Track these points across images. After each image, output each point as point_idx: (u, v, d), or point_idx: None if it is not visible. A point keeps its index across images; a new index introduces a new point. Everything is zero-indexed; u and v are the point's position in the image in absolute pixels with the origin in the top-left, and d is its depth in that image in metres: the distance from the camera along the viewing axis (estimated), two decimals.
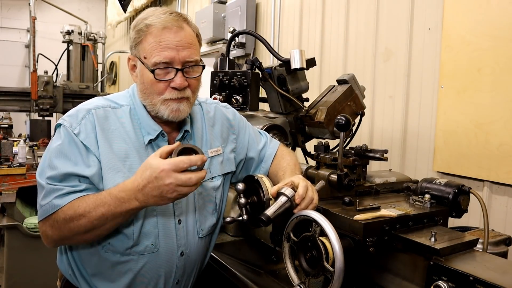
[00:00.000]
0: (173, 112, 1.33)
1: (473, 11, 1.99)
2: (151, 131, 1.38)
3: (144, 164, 1.18)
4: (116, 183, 1.26)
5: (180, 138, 1.43)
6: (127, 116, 1.39)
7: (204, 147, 1.50)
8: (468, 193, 1.43)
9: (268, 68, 1.92)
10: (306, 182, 1.31)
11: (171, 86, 1.31)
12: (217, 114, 1.58)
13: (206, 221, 1.49)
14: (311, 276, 1.17)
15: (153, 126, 1.38)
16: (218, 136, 1.55)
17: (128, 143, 1.35)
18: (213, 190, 1.50)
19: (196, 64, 1.34)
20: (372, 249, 1.18)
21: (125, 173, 1.31)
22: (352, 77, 1.88)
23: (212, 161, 1.51)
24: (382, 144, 2.52)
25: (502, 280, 0.99)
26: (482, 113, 1.95)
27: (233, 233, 1.93)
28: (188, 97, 1.35)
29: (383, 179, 1.65)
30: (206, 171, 1.19)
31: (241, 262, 1.70)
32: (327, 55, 3.03)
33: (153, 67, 1.29)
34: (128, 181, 1.20)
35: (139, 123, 1.39)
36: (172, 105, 1.33)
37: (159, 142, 1.39)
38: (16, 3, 9.83)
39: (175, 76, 1.30)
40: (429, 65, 2.26)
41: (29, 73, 8.23)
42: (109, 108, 1.38)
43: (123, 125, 1.37)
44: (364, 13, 2.71)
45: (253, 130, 1.68)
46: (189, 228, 1.44)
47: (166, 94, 1.31)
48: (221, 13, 4.31)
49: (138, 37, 1.31)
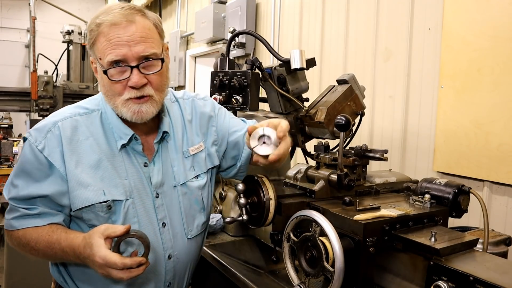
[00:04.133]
0: (135, 113, 1.26)
1: (473, 11, 1.99)
2: (123, 136, 1.32)
3: (90, 236, 1.16)
4: (85, 199, 1.25)
5: (158, 141, 1.39)
6: (98, 122, 1.33)
7: (185, 146, 1.45)
8: (468, 193, 1.43)
9: (268, 68, 1.92)
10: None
11: (128, 85, 1.23)
12: (194, 109, 1.52)
13: (195, 221, 1.46)
14: (311, 276, 1.17)
15: (124, 130, 1.32)
16: (197, 131, 1.50)
17: (99, 152, 1.30)
18: (198, 189, 1.46)
19: (154, 58, 1.25)
20: (372, 249, 1.18)
21: (95, 185, 1.27)
22: (352, 77, 1.88)
23: (195, 159, 1.47)
24: (382, 144, 2.52)
25: (502, 280, 0.99)
26: (482, 113, 1.95)
27: (233, 233, 1.93)
28: (151, 95, 1.27)
29: (383, 179, 1.65)
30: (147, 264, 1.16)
31: (241, 262, 1.70)
32: (327, 55, 3.03)
33: (107, 67, 1.22)
34: (75, 240, 1.20)
35: (111, 127, 1.33)
36: (133, 107, 1.26)
37: (134, 146, 1.34)
38: (16, 3, 9.83)
39: (131, 74, 1.22)
40: (429, 65, 2.26)
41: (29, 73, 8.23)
42: (78, 117, 1.32)
43: (93, 133, 1.31)
44: (364, 13, 2.70)
45: (234, 118, 1.61)
46: (175, 231, 1.41)
47: (125, 94, 1.24)
48: (221, 13, 4.31)
49: (91, 38, 1.25)
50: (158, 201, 1.37)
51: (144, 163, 1.36)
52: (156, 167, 1.38)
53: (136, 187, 1.33)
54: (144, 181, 1.35)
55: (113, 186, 1.29)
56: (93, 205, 1.27)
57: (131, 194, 1.32)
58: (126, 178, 1.32)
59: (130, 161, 1.34)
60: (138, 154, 1.35)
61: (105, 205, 1.28)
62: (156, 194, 1.37)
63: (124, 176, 1.32)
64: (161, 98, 1.31)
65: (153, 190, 1.36)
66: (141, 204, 1.34)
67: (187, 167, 1.44)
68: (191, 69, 5.62)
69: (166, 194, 1.39)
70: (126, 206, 1.30)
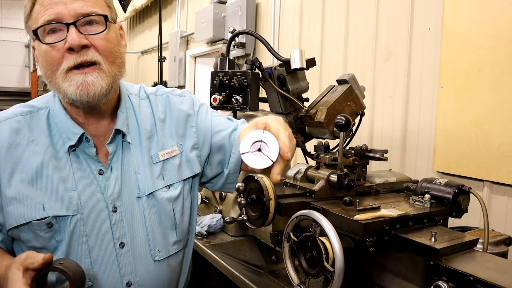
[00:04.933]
0: (79, 87, 1.04)
1: (473, 11, 1.99)
2: (71, 135, 1.12)
3: (9, 266, 0.95)
4: (19, 215, 1.06)
5: (111, 142, 1.17)
6: (44, 122, 1.14)
7: (154, 149, 1.24)
8: (468, 193, 1.43)
9: (268, 68, 1.92)
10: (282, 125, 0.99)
11: (66, 47, 1.03)
12: (169, 106, 1.31)
13: (164, 239, 1.23)
14: (311, 276, 1.17)
15: (72, 129, 1.12)
16: (172, 133, 1.27)
17: (43, 157, 1.10)
18: (169, 202, 1.23)
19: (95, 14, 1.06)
20: (372, 249, 1.18)
21: (34, 198, 1.07)
22: (352, 77, 1.88)
23: (166, 166, 1.24)
24: (382, 144, 2.52)
25: (502, 280, 0.99)
26: (482, 113, 1.95)
27: (233, 233, 1.93)
28: (97, 62, 1.06)
29: (383, 179, 1.65)
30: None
31: (241, 262, 1.70)
32: (327, 55, 3.03)
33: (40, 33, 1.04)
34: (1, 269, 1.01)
35: (59, 127, 1.13)
36: (76, 78, 1.04)
37: (85, 149, 1.14)
38: (16, 3, 9.83)
39: (67, 34, 1.02)
40: (429, 65, 2.26)
41: (29, 73, 8.25)
42: (20, 117, 1.13)
43: (37, 136, 1.12)
44: (364, 13, 2.70)
45: (218, 116, 1.38)
46: (137, 251, 1.18)
47: (64, 63, 1.04)
48: (221, 13, 4.31)
49: (26, 11, 1.08)
50: (115, 216, 1.15)
51: (99, 170, 1.15)
52: (114, 174, 1.16)
53: (87, 200, 1.12)
54: (98, 192, 1.14)
55: (56, 199, 1.09)
56: (29, 223, 1.07)
57: (80, 209, 1.11)
58: (74, 188, 1.11)
59: (80, 168, 1.13)
60: (91, 159, 1.14)
61: (43, 222, 1.07)
62: (113, 208, 1.15)
63: (72, 187, 1.11)
64: (111, 70, 1.09)
65: (109, 203, 1.15)
66: (93, 221, 1.12)
67: (155, 174, 1.22)
68: (191, 69, 5.62)
69: (127, 207, 1.17)
70: (72, 223, 1.10)
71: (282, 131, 0.96)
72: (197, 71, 5.64)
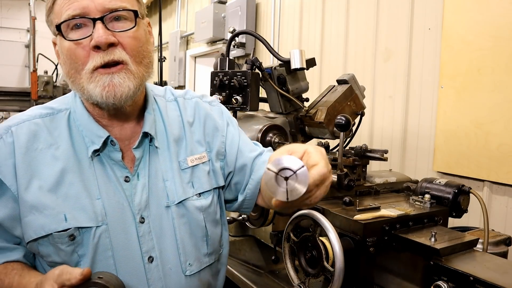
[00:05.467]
0: (105, 88, 0.96)
1: (473, 11, 1.99)
2: (95, 139, 1.03)
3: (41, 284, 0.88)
4: (39, 226, 0.97)
5: (138, 146, 1.07)
6: (64, 125, 1.05)
7: (182, 154, 1.15)
8: (468, 193, 1.43)
9: (268, 68, 1.92)
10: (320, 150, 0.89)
11: (92, 45, 0.95)
12: (198, 111, 1.22)
13: (195, 252, 1.12)
14: (311, 276, 1.17)
15: (96, 131, 1.04)
16: (200, 138, 1.19)
17: (63, 163, 1.01)
18: (200, 212, 1.13)
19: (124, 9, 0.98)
20: (372, 249, 1.18)
21: (55, 208, 0.98)
22: (352, 77, 1.88)
23: (195, 172, 1.15)
24: (382, 144, 2.52)
25: (502, 280, 0.99)
26: (482, 113, 1.95)
27: (233, 233, 1.92)
28: (124, 62, 0.98)
29: (383, 179, 1.65)
30: None
31: (241, 262, 1.70)
32: (327, 55, 3.03)
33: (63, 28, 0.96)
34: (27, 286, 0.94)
35: (81, 130, 1.05)
36: (102, 78, 0.96)
37: (110, 154, 1.04)
38: (16, 3, 9.82)
39: (94, 30, 0.95)
40: (429, 65, 2.26)
41: (29, 73, 8.24)
42: (39, 120, 1.04)
43: (57, 139, 1.03)
44: (364, 13, 2.70)
45: (245, 136, 1.31)
46: (168, 266, 1.08)
47: (90, 62, 0.96)
48: (221, 13, 4.31)
49: (48, 4, 1.00)
50: (143, 228, 1.05)
51: (125, 177, 1.05)
52: (141, 181, 1.07)
53: (112, 210, 1.02)
54: (124, 201, 1.04)
55: (79, 208, 0.99)
56: (50, 235, 0.97)
57: (105, 219, 1.01)
58: (98, 197, 1.01)
59: (105, 174, 1.04)
60: (117, 165, 1.05)
61: (65, 234, 0.97)
62: (141, 219, 1.05)
63: (96, 195, 1.01)
64: (139, 71, 1.01)
65: (136, 213, 1.05)
66: (119, 233, 1.03)
67: (184, 181, 1.13)
68: (191, 69, 5.62)
69: (155, 218, 1.07)
70: (96, 235, 1.00)
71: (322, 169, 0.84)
72: (197, 71, 5.64)
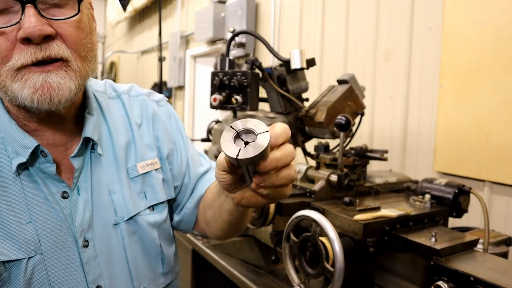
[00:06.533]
0: (38, 90, 0.73)
1: (473, 11, 1.99)
2: (20, 149, 0.81)
3: None
4: None
5: (77, 154, 0.87)
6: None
7: (131, 160, 0.97)
8: (469, 193, 1.43)
9: (268, 68, 1.92)
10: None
11: (20, 37, 0.71)
12: (145, 111, 1.05)
13: (150, 274, 0.97)
14: (311, 276, 1.17)
15: (20, 140, 0.81)
16: (150, 142, 1.02)
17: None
18: (153, 228, 0.97)
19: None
20: (372, 249, 1.18)
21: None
22: (352, 77, 1.88)
23: (147, 181, 0.98)
24: (382, 144, 2.52)
25: (502, 281, 0.99)
26: (483, 113, 1.95)
27: None
28: (64, 59, 0.75)
29: (383, 179, 1.65)
30: None
31: (241, 262, 1.69)
32: (327, 55, 3.03)
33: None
34: None
35: (1, 137, 0.82)
36: (33, 78, 0.73)
37: (41, 166, 0.83)
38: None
39: (23, 16, 0.70)
40: (429, 65, 2.26)
41: None
42: None
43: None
44: (364, 13, 2.70)
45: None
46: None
47: (16, 58, 0.72)
48: (221, 13, 4.31)
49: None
50: (87, 253, 0.87)
51: (62, 193, 0.85)
52: (82, 197, 0.87)
53: (48, 235, 0.82)
54: (62, 223, 0.84)
55: (3, 236, 0.78)
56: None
57: (38, 248, 0.81)
58: (28, 220, 0.81)
59: (36, 191, 0.83)
60: (50, 178, 0.84)
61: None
62: (84, 242, 0.86)
63: (25, 218, 0.81)
64: (83, 68, 0.80)
65: (78, 236, 0.86)
66: (57, 262, 0.83)
67: (134, 192, 0.95)
68: (191, 69, 5.62)
69: (101, 239, 0.89)
70: (29, 269, 0.79)
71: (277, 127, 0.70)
72: (197, 71, 5.64)
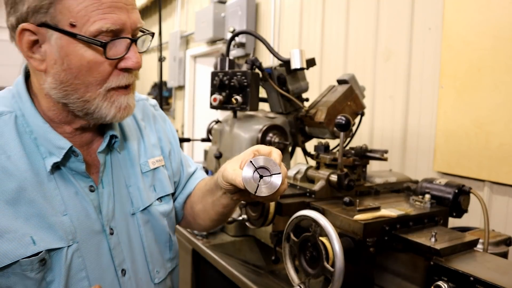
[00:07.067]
0: (121, 110, 0.90)
1: (473, 11, 1.99)
2: (54, 150, 0.89)
3: None
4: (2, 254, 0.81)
5: (104, 150, 0.98)
6: (12, 130, 0.88)
7: (143, 157, 1.09)
8: (469, 193, 1.43)
9: (268, 68, 1.92)
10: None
11: (121, 67, 0.87)
12: (146, 114, 1.17)
13: (161, 259, 1.10)
14: (311, 276, 1.17)
15: (55, 141, 0.89)
16: (154, 142, 1.14)
17: (20, 177, 0.86)
18: (163, 217, 1.09)
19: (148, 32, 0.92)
20: (372, 249, 1.18)
21: (17, 230, 0.83)
22: (352, 77, 1.88)
23: (156, 175, 1.10)
24: (382, 144, 2.52)
25: (502, 281, 0.99)
26: (483, 113, 1.95)
27: (233, 233, 1.92)
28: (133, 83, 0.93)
29: (383, 179, 1.65)
30: None
31: (241, 262, 1.69)
32: (327, 55, 3.03)
33: (101, 39, 0.82)
34: None
35: (33, 138, 0.89)
36: (120, 100, 0.89)
37: (71, 165, 0.92)
38: None
39: (128, 51, 0.86)
40: (429, 65, 2.26)
41: None
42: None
43: (4, 147, 0.86)
44: (364, 13, 2.70)
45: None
46: (139, 277, 1.03)
47: (113, 81, 0.87)
48: (221, 13, 4.31)
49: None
50: (113, 240, 0.97)
51: (90, 187, 0.95)
52: (106, 189, 0.98)
53: (81, 224, 0.92)
54: (92, 213, 0.94)
55: (45, 227, 0.86)
56: (16, 263, 0.83)
57: (75, 237, 0.90)
58: (65, 213, 0.90)
59: (68, 186, 0.92)
60: (79, 175, 0.94)
61: (36, 259, 0.84)
62: (110, 230, 0.97)
63: (62, 210, 0.89)
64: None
65: (105, 225, 0.96)
66: (91, 249, 0.93)
67: (146, 186, 1.07)
68: (191, 69, 5.62)
69: (122, 227, 1.00)
70: (68, 256, 0.88)
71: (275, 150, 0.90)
72: (197, 71, 5.64)
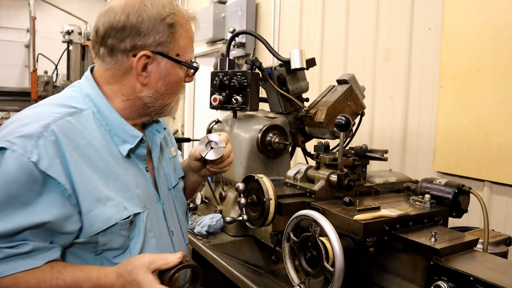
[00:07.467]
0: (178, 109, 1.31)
1: (473, 11, 1.99)
2: (129, 139, 1.15)
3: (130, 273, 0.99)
4: (107, 218, 1.05)
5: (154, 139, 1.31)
6: (92, 123, 1.11)
7: (169, 145, 1.42)
8: (468, 193, 1.43)
9: (268, 68, 1.92)
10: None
11: (188, 81, 1.30)
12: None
13: (186, 225, 1.43)
14: (311, 276, 1.17)
15: (131, 132, 1.16)
16: (166, 135, 1.42)
17: (106, 158, 1.10)
18: (182, 192, 1.44)
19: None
20: (372, 249, 1.18)
21: (114, 199, 1.08)
22: (352, 77, 1.88)
23: (176, 161, 1.42)
24: (382, 144, 2.52)
25: (502, 280, 0.99)
26: (482, 113, 1.95)
27: (233, 233, 1.92)
28: None
29: (383, 179, 1.65)
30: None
31: (241, 262, 1.70)
32: (327, 55, 3.03)
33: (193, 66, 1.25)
34: (104, 279, 1.00)
35: (108, 129, 1.13)
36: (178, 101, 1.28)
37: (138, 152, 1.19)
38: (16, 3, 9.82)
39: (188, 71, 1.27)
40: (429, 65, 2.26)
41: (29, 73, 8.23)
42: (70, 117, 1.06)
43: (89, 137, 1.08)
44: (364, 13, 2.70)
45: None
46: (178, 238, 1.32)
47: (182, 90, 1.28)
48: (221, 13, 4.30)
49: (171, 32, 1.13)
50: (165, 208, 1.27)
51: (145, 168, 1.23)
52: (156, 170, 1.28)
53: (147, 196, 1.19)
54: (151, 187, 1.23)
55: (129, 197, 1.13)
56: (115, 224, 1.07)
57: (146, 205, 1.18)
58: (137, 187, 1.16)
59: (135, 167, 1.19)
60: (139, 158, 1.21)
61: (128, 221, 1.10)
62: (162, 201, 1.27)
63: (135, 185, 1.16)
64: None
65: (160, 197, 1.27)
66: (155, 215, 1.21)
67: (171, 168, 1.38)
68: None
69: (166, 199, 1.29)
70: (144, 219, 1.16)
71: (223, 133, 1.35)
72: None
